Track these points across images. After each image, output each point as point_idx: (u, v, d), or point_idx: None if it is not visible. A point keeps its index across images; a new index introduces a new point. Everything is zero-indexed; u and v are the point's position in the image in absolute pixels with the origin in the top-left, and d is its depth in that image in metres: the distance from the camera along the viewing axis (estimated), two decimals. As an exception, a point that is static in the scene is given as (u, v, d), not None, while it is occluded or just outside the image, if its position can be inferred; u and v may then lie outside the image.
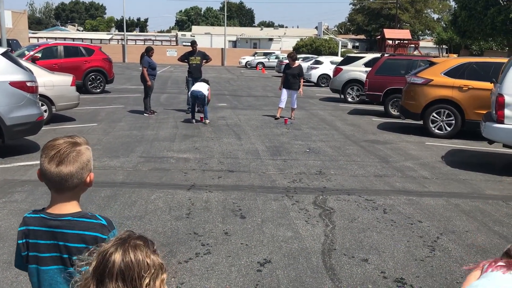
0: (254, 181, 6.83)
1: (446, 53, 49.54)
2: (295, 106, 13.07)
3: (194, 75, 13.40)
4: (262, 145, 9.33)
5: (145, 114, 12.72)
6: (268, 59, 43.98)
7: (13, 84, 7.50)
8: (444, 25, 53.27)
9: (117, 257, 1.32)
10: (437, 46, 53.47)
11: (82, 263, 1.42)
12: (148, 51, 12.72)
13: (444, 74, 10.80)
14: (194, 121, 11.71)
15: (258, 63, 43.90)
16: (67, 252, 1.77)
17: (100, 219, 1.81)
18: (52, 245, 1.78)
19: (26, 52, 16.25)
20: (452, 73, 10.73)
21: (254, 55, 47.65)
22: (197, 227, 5.04)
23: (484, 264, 1.97)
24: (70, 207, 1.81)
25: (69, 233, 1.76)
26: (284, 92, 12.82)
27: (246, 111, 14.41)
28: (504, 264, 1.88)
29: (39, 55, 16.08)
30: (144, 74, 12.61)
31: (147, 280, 1.33)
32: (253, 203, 5.87)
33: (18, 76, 7.64)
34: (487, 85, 9.62)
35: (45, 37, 52.74)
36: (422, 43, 58.96)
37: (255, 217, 5.37)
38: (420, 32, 68.20)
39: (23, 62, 9.19)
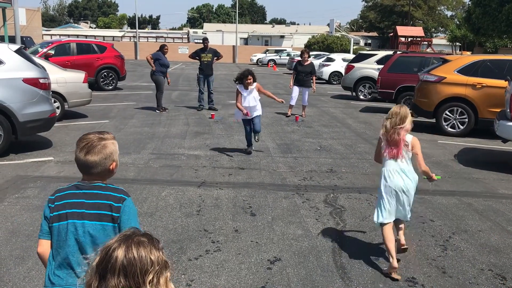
0: (264, 179, 6.82)
1: (460, 50, 48.99)
2: (307, 104, 13.03)
3: (205, 72, 13.42)
4: (272, 143, 9.31)
5: (156, 111, 12.77)
6: (280, 56, 43.89)
7: (26, 81, 7.57)
8: (457, 22, 52.65)
9: (120, 252, 1.32)
10: (451, 44, 52.88)
11: (87, 260, 1.43)
12: (162, 48, 12.79)
13: (457, 71, 10.69)
14: (251, 149, 8.49)
15: (270, 60, 43.81)
16: (99, 208, 2.15)
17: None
18: (86, 204, 2.16)
19: (40, 49, 16.39)
20: (466, 70, 10.61)
21: (265, 53, 47.58)
22: (208, 224, 5.04)
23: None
24: (97, 181, 2.24)
25: (99, 193, 2.17)
26: (295, 89, 12.79)
27: (257, 108, 14.38)
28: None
29: (52, 52, 16.21)
30: (148, 59, 12.74)
31: (150, 277, 1.32)
32: (263, 200, 5.86)
33: (31, 73, 7.71)
34: (501, 83, 9.51)
35: (58, 34, 53.17)
36: (435, 41, 58.40)
37: (265, 215, 5.36)
38: (433, 29, 67.58)
39: (36, 59, 9.27)
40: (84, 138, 2.20)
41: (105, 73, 17.44)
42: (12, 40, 17.89)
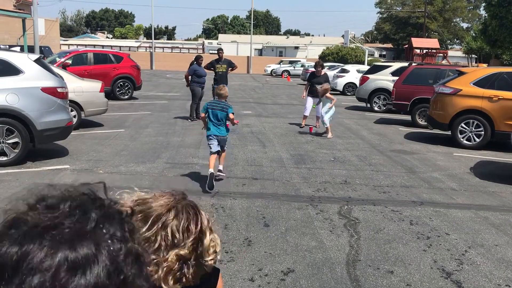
0: (278, 189, 6.81)
1: (476, 62, 48.63)
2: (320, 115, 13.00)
3: (220, 82, 13.49)
4: (286, 153, 9.31)
5: (188, 120, 13.01)
6: (294, 67, 43.99)
7: (45, 90, 7.70)
8: (473, 34, 52.32)
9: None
10: (466, 56, 52.56)
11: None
12: (197, 59, 13.15)
13: (473, 84, 10.61)
14: None
15: (284, 71, 43.94)
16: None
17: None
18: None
19: (57, 59, 16.66)
20: (482, 83, 10.52)
21: (279, 63, 47.71)
22: (221, 234, 5.04)
23: None
24: None
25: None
26: (309, 100, 12.80)
27: (271, 118, 14.42)
28: None
29: (70, 61, 16.46)
30: (186, 77, 13.21)
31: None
32: (277, 211, 5.86)
33: (50, 82, 7.84)
34: (519, 95, 9.41)
35: (75, 44, 53.96)
36: (450, 53, 58.06)
37: (279, 226, 5.36)
38: (449, 41, 67.24)
39: (54, 68, 9.42)
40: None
41: (121, 83, 17.64)
42: (31, 49, 18.19)
